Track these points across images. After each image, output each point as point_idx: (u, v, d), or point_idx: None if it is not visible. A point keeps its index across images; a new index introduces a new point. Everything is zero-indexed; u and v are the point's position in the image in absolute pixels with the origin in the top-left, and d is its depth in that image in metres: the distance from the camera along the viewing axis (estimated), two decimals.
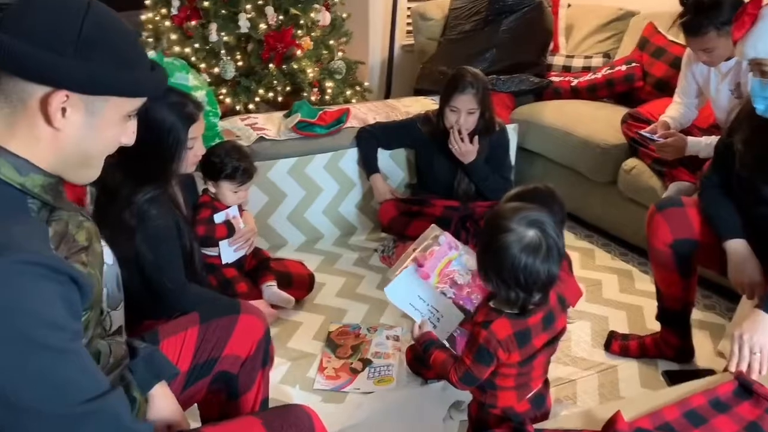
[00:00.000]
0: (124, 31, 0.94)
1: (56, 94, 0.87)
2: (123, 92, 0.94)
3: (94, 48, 0.88)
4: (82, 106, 0.91)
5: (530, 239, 1.27)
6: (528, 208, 1.34)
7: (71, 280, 0.85)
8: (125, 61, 0.93)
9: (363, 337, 2.17)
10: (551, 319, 1.40)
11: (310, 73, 3.26)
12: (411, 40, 4.12)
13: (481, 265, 1.34)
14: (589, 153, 2.89)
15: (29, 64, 0.85)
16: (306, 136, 2.77)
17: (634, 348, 2.11)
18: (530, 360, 1.38)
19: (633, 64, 3.23)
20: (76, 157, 0.95)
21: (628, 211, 2.77)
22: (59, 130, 0.90)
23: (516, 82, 3.36)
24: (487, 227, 1.34)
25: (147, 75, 0.97)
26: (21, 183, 0.89)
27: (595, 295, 2.48)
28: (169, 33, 3.23)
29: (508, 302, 1.33)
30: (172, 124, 1.70)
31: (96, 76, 0.89)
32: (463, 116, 2.44)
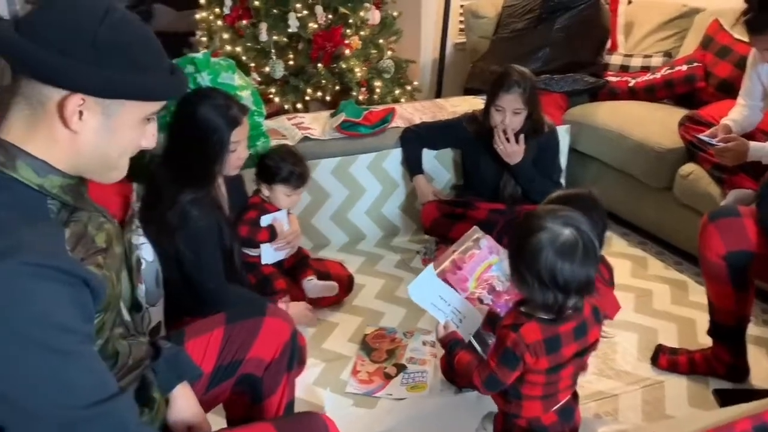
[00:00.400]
0: (141, 35, 0.95)
1: (72, 98, 0.88)
2: (139, 96, 0.94)
3: (109, 52, 0.89)
4: (98, 110, 0.91)
5: (566, 238, 1.23)
6: (563, 209, 1.31)
7: (83, 282, 0.86)
8: (141, 65, 0.93)
9: (399, 342, 2.14)
10: (583, 329, 1.35)
11: (359, 72, 3.25)
12: (463, 39, 4.05)
13: (515, 267, 1.30)
14: (644, 156, 2.77)
15: (45, 68, 0.86)
16: (350, 135, 2.75)
17: (684, 363, 2.01)
18: (558, 369, 1.34)
19: (695, 63, 3.07)
20: (95, 159, 0.96)
21: (685, 218, 2.64)
22: (76, 132, 0.91)
23: (570, 81, 3.25)
24: (521, 227, 1.30)
25: (165, 79, 0.97)
26: (39, 184, 0.91)
27: (645, 305, 2.38)
28: (222, 32, 3.28)
29: (544, 306, 1.29)
30: (216, 126, 1.73)
31: (111, 80, 0.89)
32: (508, 116, 2.37)
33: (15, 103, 0.90)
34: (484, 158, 2.55)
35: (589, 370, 2.02)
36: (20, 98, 0.90)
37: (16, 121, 0.90)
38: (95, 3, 0.91)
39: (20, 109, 0.90)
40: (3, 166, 0.89)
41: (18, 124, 0.90)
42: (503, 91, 2.35)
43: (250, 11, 3.18)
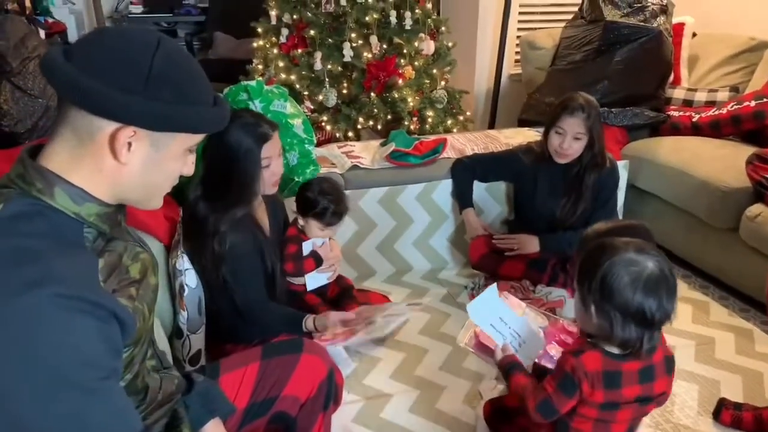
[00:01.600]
0: (191, 66, 0.95)
1: (124, 130, 0.88)
2: (189, 129, 0.95)
3: (163, 85, 0.89)
4: (147, 142, 0.92)
5: (651, 270, 1.19)
6: (638, 241, 1.26)
7: (112, 315, 0.84)
8: (192, 98, 0.93)
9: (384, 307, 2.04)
10: (650, 374, 1.27)
11: (411, 102, 3.22)
12: (519, 70, 3.99)
13: (597, 303, 1.23)
14: (708, 196, 2.64)
15: (99, 101, 0.86)
16: (400, 165, 2.72)
17: (749, 421, 1.86)
18: (614, 408, 1.26)
19: (764, 99, 2.93)
20: (138, 189, 0.96)
21: (751, 262, 2.49)
22: (124, 164, 0.91)
23: (629, 115, 3.14)
24: (595, 259, 1.24)
25: (212, 111, 0.97)
26: (76, 212, 0.90)
27: (707, 354, 2.23)
28: (277, 60, 3.32)
29: (624, 343, 1.23)
30: (247, 146, 1.73)
31: (165, 113, 0.89)
32: (568, 140, 2.30)
33: (60, 133, 0.90)
34: (540, 188, 2.48)
35: (645, 422, 1.90)
36: (67, 129, 0.90)
37: (62, 150, 0.90)
38: (146, 35, 0.91)
39: (66, 139, 0.90)
40: (41, 193, 0.88)
41: (62, 153, 0.90)
42: (567, 113, 2.29)
43: (306, 40, 3.21)
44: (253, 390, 1.29)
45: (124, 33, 0.91)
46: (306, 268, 2.11)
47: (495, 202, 2.80)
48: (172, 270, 1.84)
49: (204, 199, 1.78)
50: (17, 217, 0.85)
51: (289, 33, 3.27)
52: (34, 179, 0.88)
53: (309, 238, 2.11)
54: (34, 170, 0.89)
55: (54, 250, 0.84)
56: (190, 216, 1.81)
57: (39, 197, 0.88)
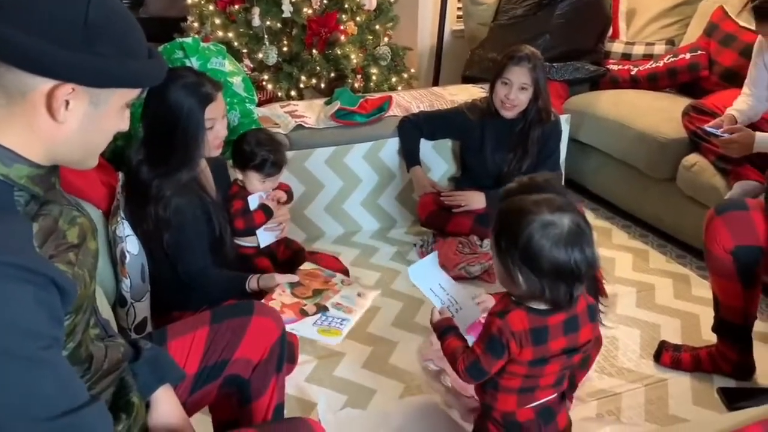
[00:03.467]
0: (126, 17, 0.89)
1: (61, 88, 0.82)
2: (131, 83, 0.90)
3: (100, 38, 0.83)
4: (86, 98, 0.86)
5: (569, 225, 1.18)
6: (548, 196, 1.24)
7: (51, 281, 0.79)
8: (130, 51, 0.87)
9: (332, 286, 1.88)
10: (574, 325, 1.29)
11: (354, 59, 3.16)
12: (461, 26, 3.96)
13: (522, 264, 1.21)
14: (646, 147, 2.71)
15: (35, 58, 0.79)
16: (345, 124, 2.68)
17: (687, 361, 1.95)
18: (542, 363, 1.28)
19: (698, 51, 3.00)
20: (75, 148, 0.90)
21: (688, 210, 2.58)
22: (61, 123, 0.85)
23: (570, 70, 3.17)
24: (513, 224, 1.21)
25: (149, 63, 0.91)
26: (4, 174, 0.84)
27: (647, 300, 2.31)
28: (213, 17, 3.19)
29: (554, 301, 1.22)
30: (190, 107, 1.66)
31: (104, 68, 0.84)
32: (514, 90, 2.32)
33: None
34: (487, 145, 2.49)
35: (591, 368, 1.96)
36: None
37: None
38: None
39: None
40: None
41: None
42: (512, 63, 2.31)
43: None
44: (203, 355, 1.26)
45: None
46: (257, 221, 2.06)
47: (442, 160, 2.80)
48: (112, 236, 1.77)
49: (147, 163, 1.70)
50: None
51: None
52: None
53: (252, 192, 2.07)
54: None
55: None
56: (131, 181, 1.73)
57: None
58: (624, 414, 1.79)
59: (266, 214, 2.07)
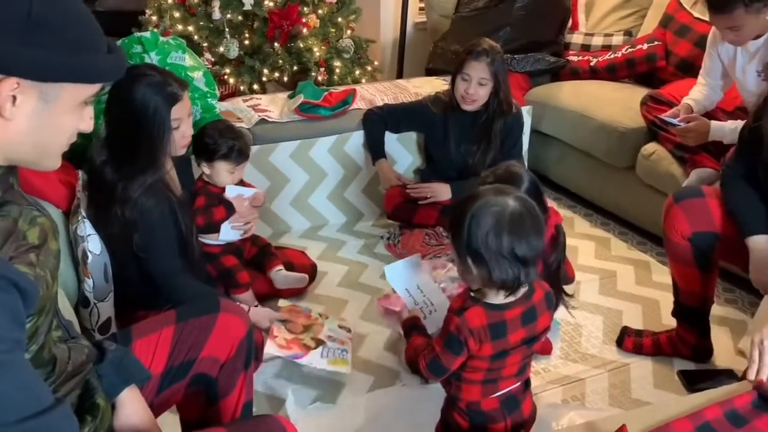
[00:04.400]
0: (77, 11, 0.86)
1: (5, 82, 0.79)
2: (80, 78, 0.86)
3: (46, 30, 0.80)
4: (34, 94, 0.83)
5: (513, 209, 1.20)
6: (500, 186, 1.29)
7: (11, 284, 0.77)
8: (81, 44, 0.84)
9: (314, 320, 1.99)
10: (532, 315, 1.31)
11: (317, 52, 3.15)
12: (424, 18, 3.97)
13: (468, 250, 1.23)
14: (606, 137, 2.76)
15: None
16: (309, 118, 2.66)
17: (649, 346, 2.00)
18: (503, 356, 1.30)
19: (655, 42, 3.06)
20: (29, 147, 0.87)
21: (647, 198, 2.64)
22: (9, 119, 0.82)
23: (531, 61, 3.21)
24: (461, 209, 1.24)
25: (105, 58, 0.89)
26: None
27: (610, 287, 2.36)
28: (172, 10, 3.14)
29: (503, 284, 1.24)
30: (155, 107, 1.63)
31: (50, 61, 0.81)
32: (473, 85, 2.34)
33: None
34: (451, 137, 2.50)
35: (555, 354, 2.01)
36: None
37: None
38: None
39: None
40: None
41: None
42: (471, 58, 2.32)
43: None
44: (169, 354, 1.24)
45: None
46: (216, 217, 2.04)
47: (407, 152, 2.80)
48: (73, 236, 1.74)
49: (111, 164, 1.66)
50: None
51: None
52: None
53: (217, 189, 2.04)
54: None
55: None
56: (94, 181, 1.69)
57: None
58: (588, 399, 1.83)
59: (227, 210, 2.05)
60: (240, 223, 2.09)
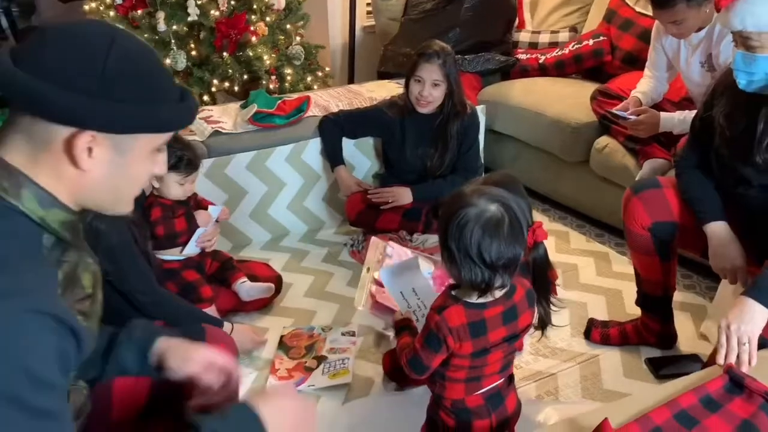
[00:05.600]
0: (150, 63, 0.87)
1: (82, 136, 0.81)
2: (153, 129, 0.88)
3: (120, 85, 0.82)
4: (109, 145, 0.84)
5: (492, 214, 1.21)
6: (489, 188, 1.29)
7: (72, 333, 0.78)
8: (154, 96, 0.86)
9: (317, 337, 2.05)
10: (513, 314, 1.32)
11: (267, 60, 3.11)
12: (372, 21, 3.97)
13: (444, 244, 1.26)
14: (560, 132, 2.80)
15: (52, 106, 0.78)
16: (264, 127, 2.62)
17: (615, 336, 2.04)
18: (484, 354, 1.31)
19: (601, 38, 3.14)
20: (104, 194, 0.90)
21: (602, 190, 2.70)
22: (85, 171, 0.84)
23: (482, 61, 3.25)
24: (449, 204, 1.26)
25: (177, 108, 0.90)
26: (41, 217, 0.83)
27: (572, 280, 2.41)
28: (114, 24, 3.04)
29: (471, 284, 1.25)
30: None
31: (123, 114, 0.82)
32: (427, 87, 2.35)
33: (13, 141, 0.82)
34: (408, 140, 2.50)
35: (525, 350, 2.02)
36: (20, 136, 0.82)
37: (18, 156, 0.82)
38: (99, 32, 0.84)
39: (21, 149, 0.82)
40: (5, 192, 0.80)
41: (19, 156, 0.82)
42: (423, 60, 2.33)
43: (145, 0, 2.96)
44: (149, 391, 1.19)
45: (74, 30, 0.83)
46: (177, 228, 2.00)
47: (365, 157, 2.79)
48: None
49: None
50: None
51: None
52: (0, 178, 0.81)
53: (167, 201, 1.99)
54: (1, 167, 0.81)
55: (17, 257, 0.77)
56: None
57: (2, 196, 0.80)
58: (561, 393, 1.85)
59: (187, 222, 2.00)
60: (202, 240, 2.05)
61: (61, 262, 0.85)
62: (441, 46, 2.37)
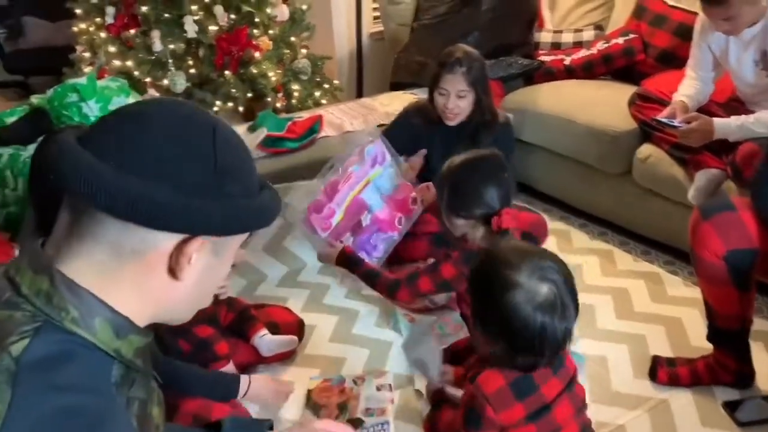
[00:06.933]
0: (245, 149, 0.75)
1: (193, 242, 0.68)
2: (258, 224, 0.74)
3: (230, 179, 0.70)
4: (210, 249, 0.72)
5: (545, 297, 1.05)
6: (532, 251, 1.13)
7: None
8: (253, 188, 0.74)
9: (349, 392, 1.80)
10: (560, 361, 1.15)
11: (273, 76, 2.88)
12: (380, 27, 3.73)
13: (482, 324, 1.12)
14: (596, 142, 2.57)
15: (166, 212, 0.64)
16: (275, 152, 2.41)
17: (685, 375, 1.81)
18: (544, 414, 1.12)
19: (631, 35, 2.91)
20: (183, 306, 0.76)
21: (648, 203, 2.47)
22: (181, 281, 0.70)
23: (504, 66, 3.02)
24: (487, 278, 1.10)
25: (271, 196, 0.77)
26: (116, 348, 0.69)
27: (625, 308, 2.17)
28: (107, 45, 2.83)
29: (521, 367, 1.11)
30: None
31: (236, 214, 0.70)
32: (452, 100, 2.14)
33: (89, 250, 0.67)
34: (436, 150, 2.28)
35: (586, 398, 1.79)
36: (96, 246, 0.66)
37: (88, 269, 0.67)
38: (199, 118, 0.71)
39: (94, 263, 0.67)
40: (74, 324, 0.65)
41: (89, 272, 0.67)
42: (445, 71, 2.13)
43: (138, 18, 2.75)
44: None
45: (171, 117, 0.69)
46: None
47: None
48: None
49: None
50: (48, 362, 0.62)
51: (117, 11, 2.79)
52: (67, 304, 0.65)
53: None
54: (67, 290, 0.65)
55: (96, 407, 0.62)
56: None
57: (72, 330, 0.65)
58: None
59: None
60: None
61: (132, 401, 0.71)
62: (465, 51, 2.16)
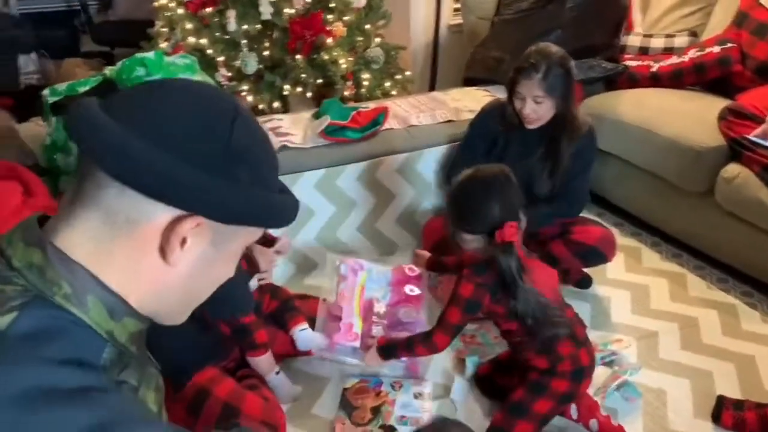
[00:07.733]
0: (267, 142, 0.72)
1: (188, 221, 0.64)
2: (269, 220, 0.71)
3: (241, 163, 0.66)
4: (208, 236, 0.67)
5: None
6: None
7: None
8: (269, 182, 0.70)
9: (385, 396, 1.76)
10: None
11: (343, 63, 2.83)
12: (459, 20, 3.61)
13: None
14: (678, 156, 2.39)
15: (164, 180, 0.61)
16: (336, 141, 2.35)
17: (753, 421, 1.65)
18: None
19: (728, 44, 2.68)
20: (175, 300, 0.71)
21: (729, 227, 2.27)
22: (172, 266, 0.66)
23: (585, 68, 2.84)
24: None
25: (287, 199, 0.73)
26: (109, 331, 0.64)
27: (693, 339, 2.00)
28: (184, 22, 2.84)
29: None
30: None
31: (238, 199, 0.65)
32: (528, 105, 2.00)
33: (86, 216, 0.63)
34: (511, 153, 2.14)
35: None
36: (97, 211, 0.63)
37: (85, 240, 0.64)
38: (221, 97, 0.69)
39: (91, 224, 0.63)
40: (67, 300, 0.62)
41: (87, 243, 0.64)
42: (521, 76, 1.99)
43: None
44: None
45: (192, 92, 0.67)
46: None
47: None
48: None
49: None
50: (35, 337, 0.59)
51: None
52: (60, 278, 0.62)
53: None
54: (61, 264, 0.62)
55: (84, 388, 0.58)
56: None
57: (64, 306, 0.62)
58: None
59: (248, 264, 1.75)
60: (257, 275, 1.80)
61: (122, 385, 0.65)
62: (544, 54, 1.97)
